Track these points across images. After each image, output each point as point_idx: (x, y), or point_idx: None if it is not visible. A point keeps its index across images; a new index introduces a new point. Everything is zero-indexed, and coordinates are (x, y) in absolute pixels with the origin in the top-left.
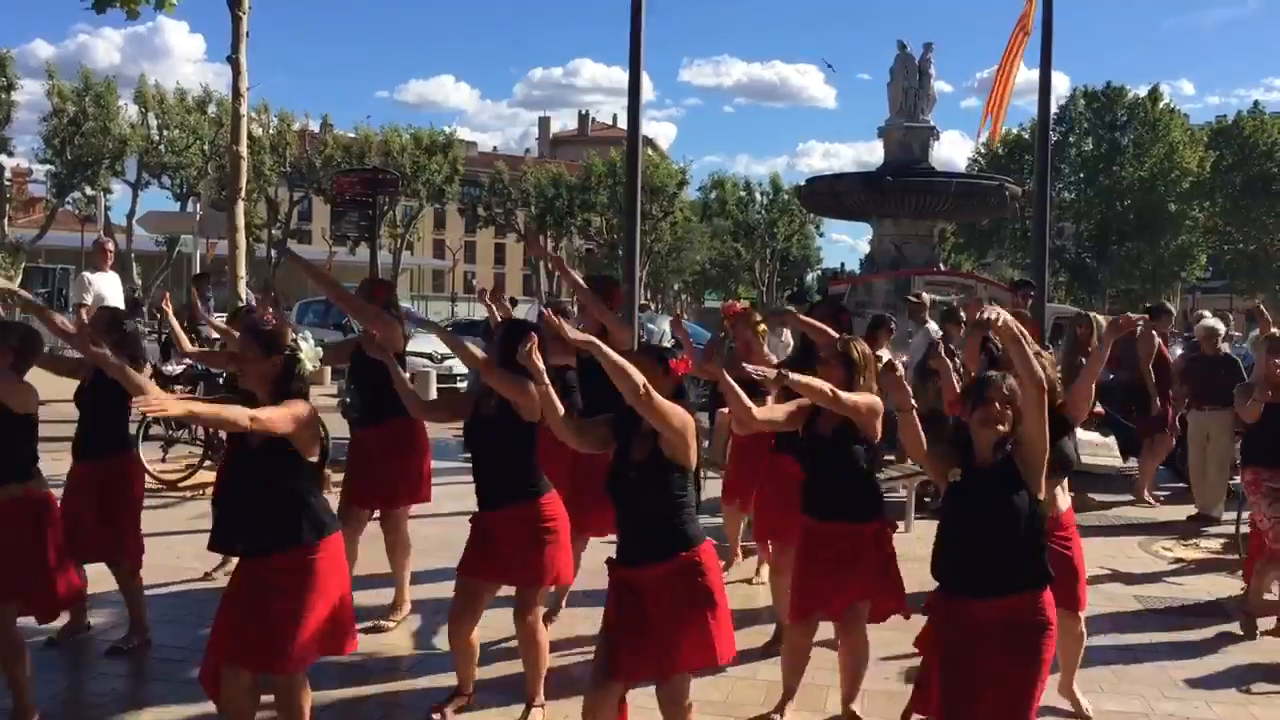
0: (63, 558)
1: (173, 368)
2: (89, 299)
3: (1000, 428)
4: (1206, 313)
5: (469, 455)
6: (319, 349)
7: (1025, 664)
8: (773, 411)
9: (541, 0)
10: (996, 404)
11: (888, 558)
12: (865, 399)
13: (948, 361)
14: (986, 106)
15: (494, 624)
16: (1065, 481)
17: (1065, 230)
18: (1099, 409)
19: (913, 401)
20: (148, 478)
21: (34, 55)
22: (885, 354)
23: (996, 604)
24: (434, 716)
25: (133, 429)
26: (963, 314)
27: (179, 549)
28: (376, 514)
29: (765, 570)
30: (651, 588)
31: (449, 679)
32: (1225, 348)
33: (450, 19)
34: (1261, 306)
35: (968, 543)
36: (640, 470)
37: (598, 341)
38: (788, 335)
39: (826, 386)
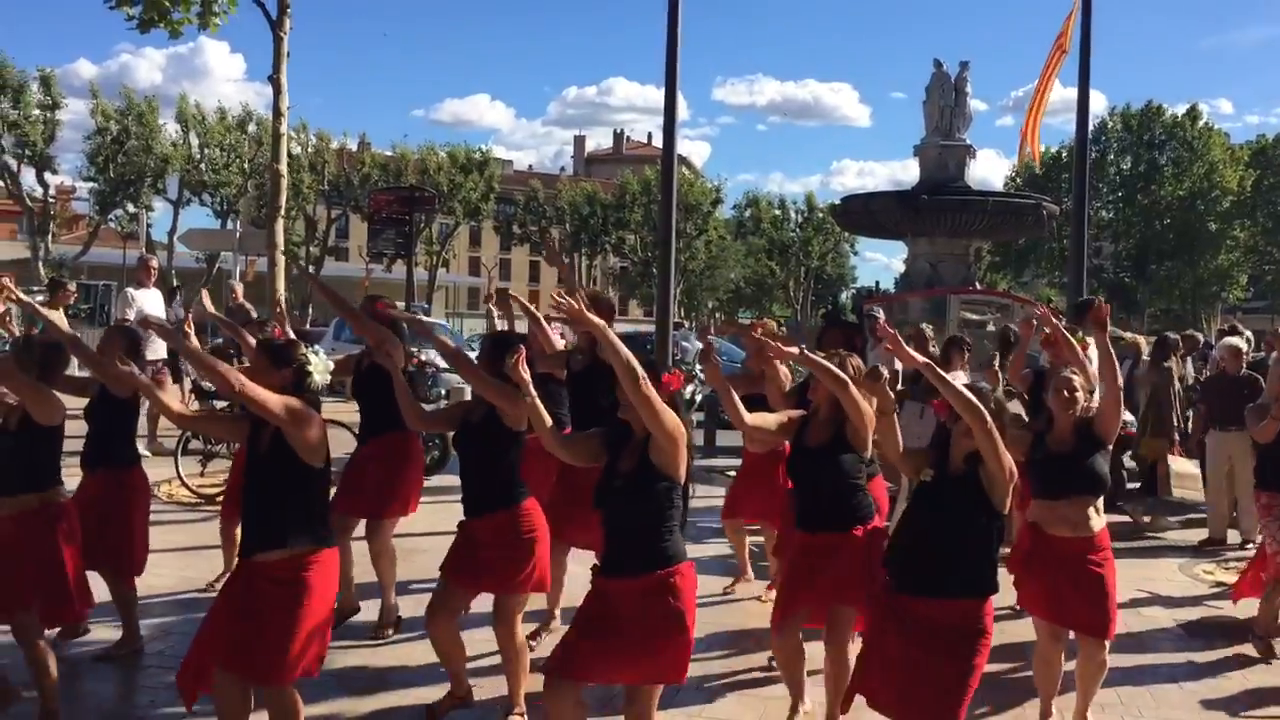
0: (81, 569)
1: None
2: (132, 315)
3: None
4: (1240, 328)
5: None
6: (330, 362)
7: (956, 663)
8: (764, 419)
9: (576, 19)
10: None
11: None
12: (865, 403)
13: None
14: (1025, 126)
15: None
16: (1099, 502)
17: (1104, 249)
18: (1130, 427)
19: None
20: (187, 492)
21: (77, 75)
22: (962, 375)
23: (938, 605)
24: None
25: (170, 443)
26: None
27: (215, 563)
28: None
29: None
30: (626, 600)
31: (441, 690)
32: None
33: (486, 38)
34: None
35: (921, 542)
36: (627, 480)
37: (603, 324)
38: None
39: (841, 372)
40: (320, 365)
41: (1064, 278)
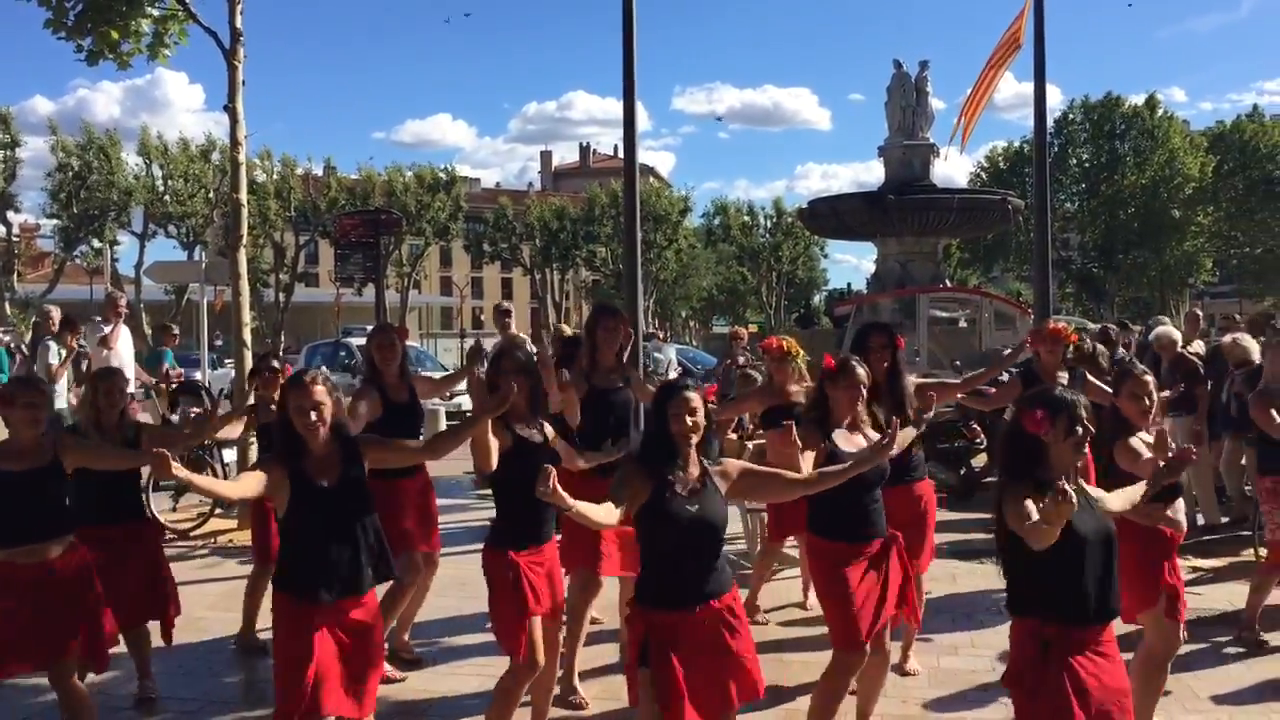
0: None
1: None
2: (101, 350)
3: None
4: (1162, 320)
5: (482, 493)
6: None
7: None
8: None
9: (532, 35)
10: None
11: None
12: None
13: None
14: (963, 111)
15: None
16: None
17: (1070, 241)
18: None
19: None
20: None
21: (33, 111)
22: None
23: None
24: None
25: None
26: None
27: (190, 599)
28: None
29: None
30: (701, 629)
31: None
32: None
33: (443, 57)
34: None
35: None
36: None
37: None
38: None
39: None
40: None
41: (1032, 271)
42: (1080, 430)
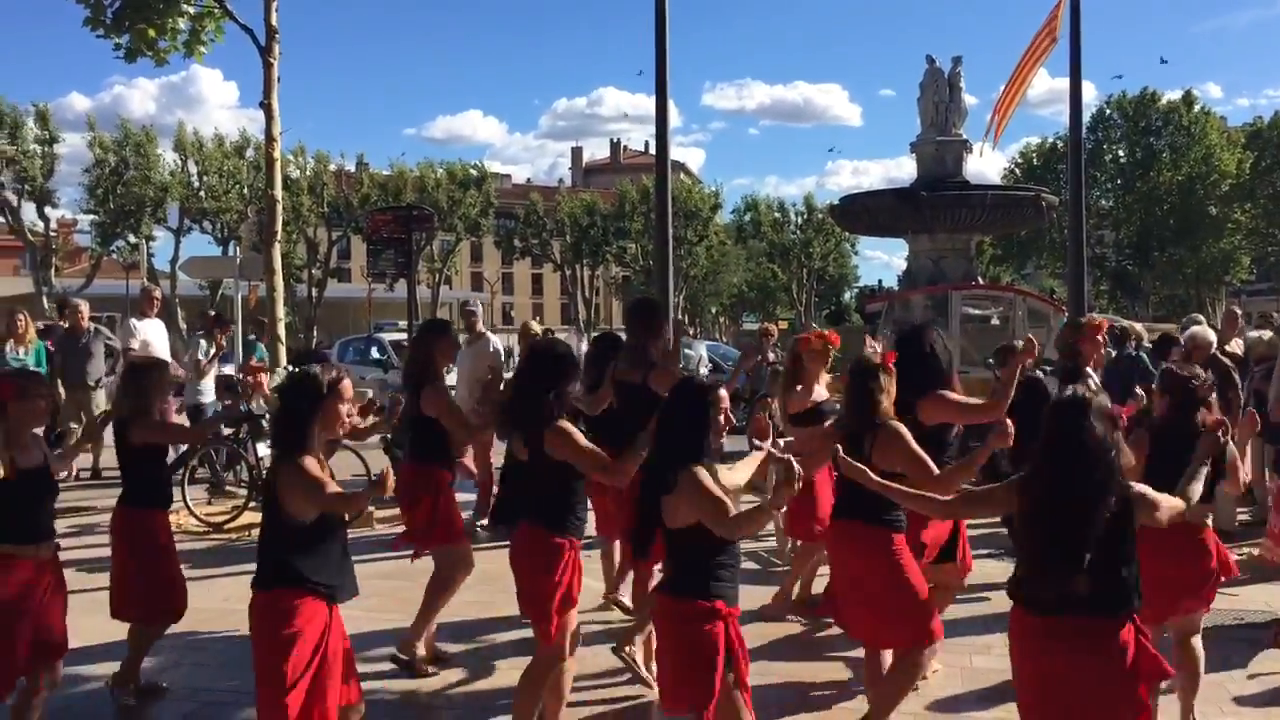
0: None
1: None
2: (135, 345)
3: None
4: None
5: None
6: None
7: None
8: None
9: (562, 32)
10: None
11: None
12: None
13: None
14: (996, 107)
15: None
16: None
17: (1105, 238)
18: None
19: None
20: (195, 521)
21: (71, 108)
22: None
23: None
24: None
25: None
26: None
27: (227, 591)
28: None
29: None
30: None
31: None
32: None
33: (474, 54)
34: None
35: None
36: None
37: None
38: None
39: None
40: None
41: (1066, 268)
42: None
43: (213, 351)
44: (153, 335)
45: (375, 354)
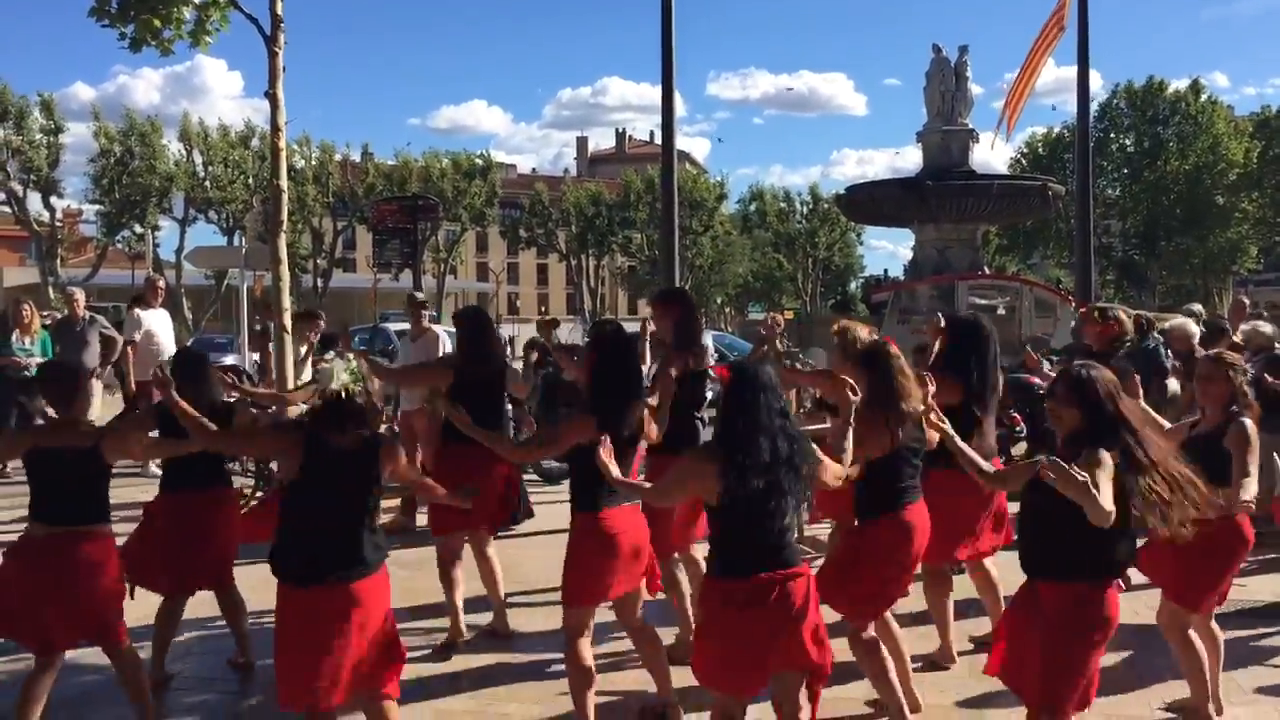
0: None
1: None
2: (139, 336)
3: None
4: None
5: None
6: (352, 362)
7: (1070, 645)
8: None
9: (565, 21)
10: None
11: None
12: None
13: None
14: (1008, 99)
15: None
16: None
17: (1111, 228)
18: None
19: None
20: None
21: (75, 98)
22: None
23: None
24: None
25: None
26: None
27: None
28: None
29: None
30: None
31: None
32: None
33: (478, 43)
34: None
35: (1037, 525)
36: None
37: None
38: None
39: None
40: (341, 368)
41: (1073, 258)
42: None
43: (304, 350)
44: (157, 325)
45: (381, 344)
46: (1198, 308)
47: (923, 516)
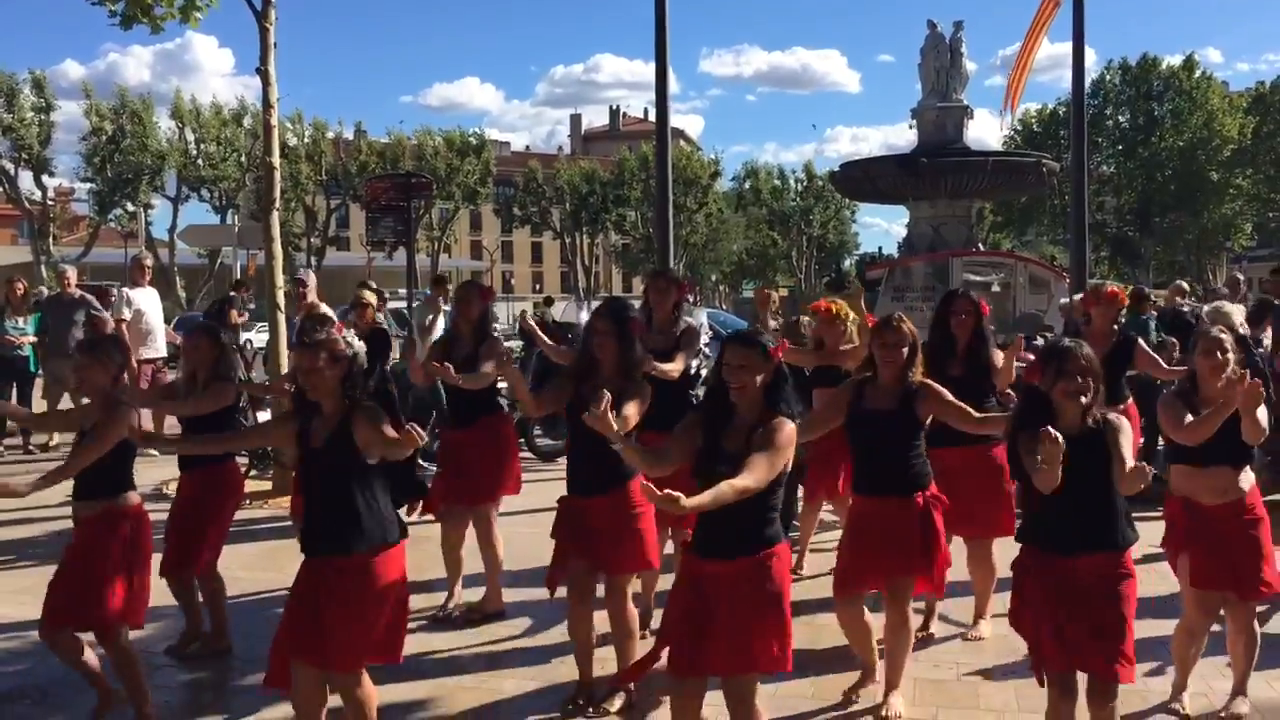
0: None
1: None
2: (128, 315)
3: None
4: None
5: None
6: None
7: (1113, 610)
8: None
9: None
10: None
11: (935, 533)
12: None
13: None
14: (1011, 80)
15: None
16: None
17: (1106, 204)
18: None
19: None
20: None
21: (65, 76)
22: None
23: (1076, 561)
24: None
25: None
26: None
27: (225, 559)
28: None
29: None
30: (720, 584)
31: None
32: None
33: (470, 20)
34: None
35: (1048, 501)
36: (732, 462)
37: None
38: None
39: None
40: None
41: (1067, 234)
42: (1069, 378)
43: (431, 317)
44: (146, 304)
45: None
46: (1184, 288)
47: None
